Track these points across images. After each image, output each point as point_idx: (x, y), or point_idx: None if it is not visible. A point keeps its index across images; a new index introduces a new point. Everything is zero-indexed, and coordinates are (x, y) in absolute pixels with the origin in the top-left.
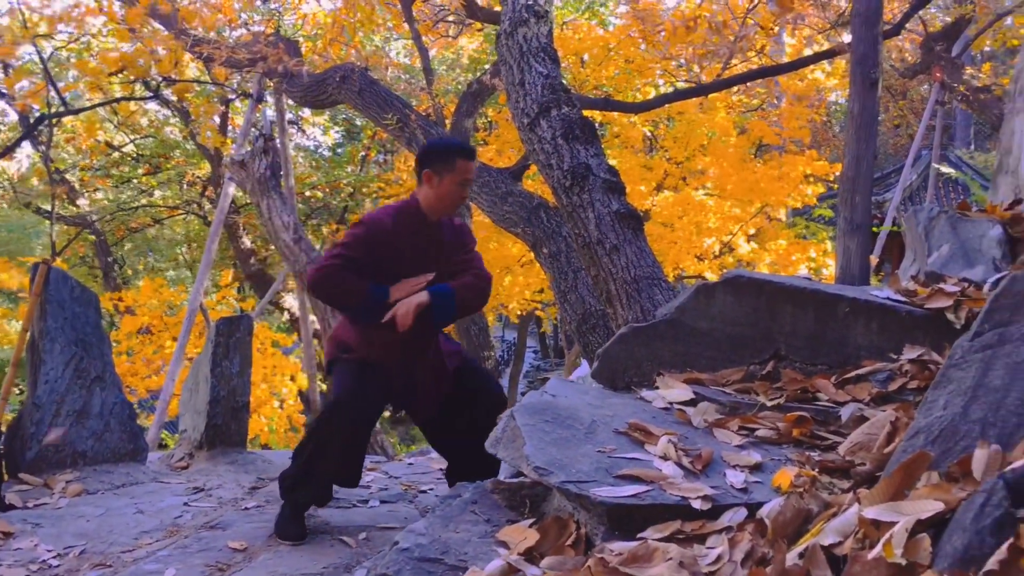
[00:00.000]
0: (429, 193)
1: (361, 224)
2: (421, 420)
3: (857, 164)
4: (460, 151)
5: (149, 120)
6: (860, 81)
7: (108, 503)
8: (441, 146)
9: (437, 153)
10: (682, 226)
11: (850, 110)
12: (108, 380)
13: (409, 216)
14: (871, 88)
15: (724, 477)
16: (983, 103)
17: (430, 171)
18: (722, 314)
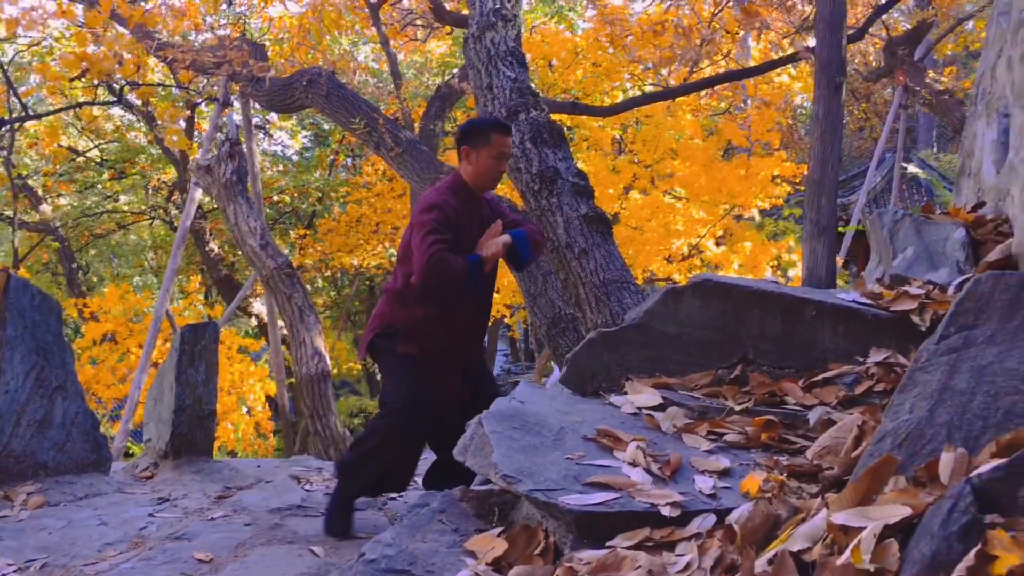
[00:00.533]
0: (468, 169)
1: (433, 207)
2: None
3: (822, 167)
4: (495, 126)
5: (114, 125)
6: (825, 85)
7: (71, 515)
8: (478, 122)
9: (474, 129)
10: (651, 229)
11: (815, 113)
12: (70, 389)
13: (463, 191)
14: (835, 92)
15: (693, 483)
16: (945, 106)
17: (468, 147)
18: (690, 318)
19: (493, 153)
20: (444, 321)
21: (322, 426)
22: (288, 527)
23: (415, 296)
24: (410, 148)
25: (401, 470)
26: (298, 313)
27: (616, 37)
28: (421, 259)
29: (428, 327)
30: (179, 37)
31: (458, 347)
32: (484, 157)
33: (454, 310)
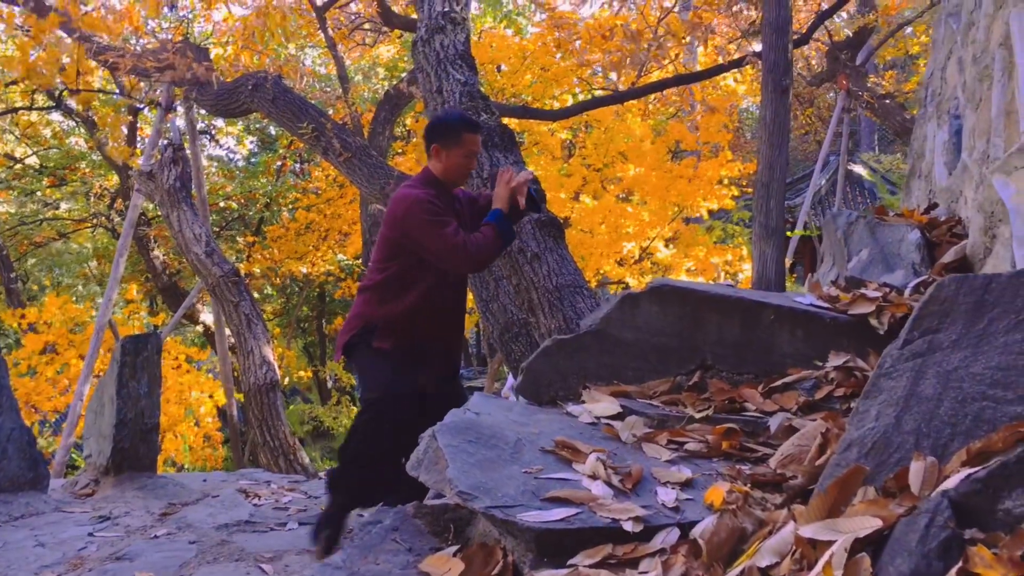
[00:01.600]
0: (439, 166)
1: (421, 201)
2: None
3: (770, 170)
4: (466, 125)
5: (53, 131)
6: (772, 88)
7: (6, 536)
8: (447, 120)
9: (444, 127)
10: (602, 232)
11: (762, 117)
12: (5, 405)
13: (435, 184)
14: (782, 95)
15: (655, 495)
16: (886, 109)
17: (438, 145)
18: (647, 324)
19: (463, 151)
20: (424, 314)
21: (271, 436)
22: (236, 544)
23: (394, 291)
24: (359, 153)
25: (388, 470)
26: (245, 322)
27: (564, 41)
28: (450, 252)
29: (407, 321)
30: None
31: (437, 340)
32: (455, 155)
33: (433, 303)
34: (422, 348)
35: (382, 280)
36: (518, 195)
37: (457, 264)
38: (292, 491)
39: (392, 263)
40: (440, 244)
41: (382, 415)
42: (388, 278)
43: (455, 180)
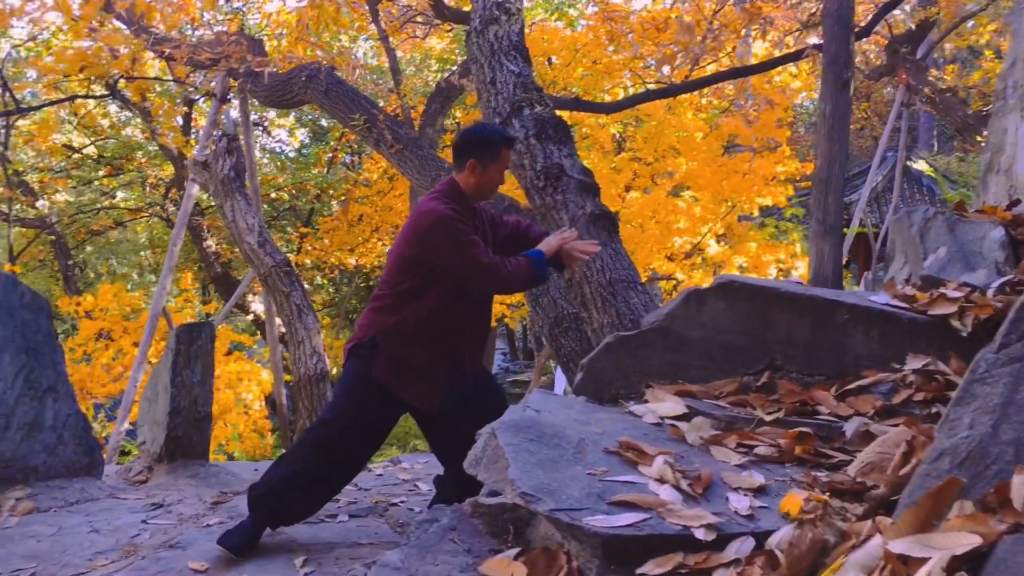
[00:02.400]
0: (471, 181)
1: (451, 219)
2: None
3: (829, 165)
4: (505, 141)
5: (110, 122)
6: (832, 81)
7: (61, 521)
8: (486, 135)
9: (483, 142)
10: (652, 227)
11: (821, 111)
12: (61, 391)
13: (460, 199)
14: (843, 88)
15: (727, 502)
16: (947, 104)
17: (475, 160)
18: (714, 321)
19: (500, 168)
20: (433, 331)
21: None
22: (286, 534)
23: (405, 306)
24: (410, 144)
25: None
26: (296, 312)
27: (617, 34)
28: (483, 270)
29: (414, 335)
30: (175, 32)
31: (451, 354)
32: (492, 172)
33: (444, 320)
34: (432, 363)
35: (393, 294)
36: (567, 258)
37: (487, 283)
38: None
39: (406, 279)
40: (472, 262)
41: (331, 441)
42: (402, 292)
43: (485, 196)
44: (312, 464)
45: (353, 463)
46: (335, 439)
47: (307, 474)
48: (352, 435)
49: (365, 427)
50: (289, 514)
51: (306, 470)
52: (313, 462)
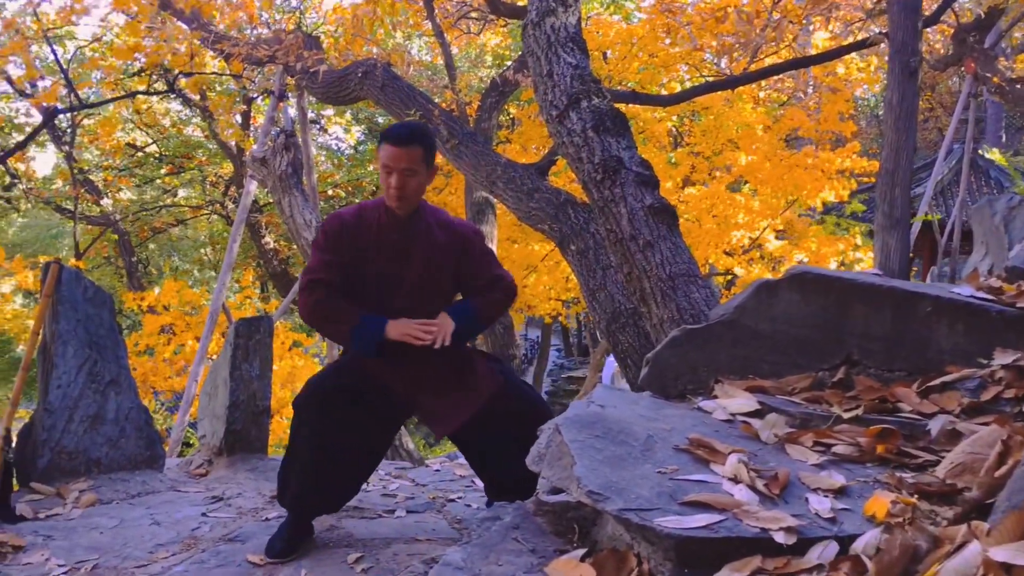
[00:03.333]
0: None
1: (322, 227)
2: (441, 435)
3: (896, 156)
4: (384, 135)
5: (171, 121)
6: (899, 70)
7: (123, 513)
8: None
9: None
10: (710, 221)
11: (888, 101)
12: (123, 384)
13: (376, 210)
14: (910, 77)
15: (806, 503)
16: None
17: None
18: (786, 314)
19: (380, 163)
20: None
21: None
22: (344, 529)
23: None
24: (466, 140)
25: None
26: None
27: (674, 26)
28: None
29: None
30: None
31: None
32: (380, 168)
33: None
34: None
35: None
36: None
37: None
38: (399, 478)
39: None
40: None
41: (303, 418)
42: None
43: (389, 200)
44: (297, 451)
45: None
46: (301, 417)
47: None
48: (321, 405)
49: (330, 393)
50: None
51: (295, 451)
52: (297, 449)
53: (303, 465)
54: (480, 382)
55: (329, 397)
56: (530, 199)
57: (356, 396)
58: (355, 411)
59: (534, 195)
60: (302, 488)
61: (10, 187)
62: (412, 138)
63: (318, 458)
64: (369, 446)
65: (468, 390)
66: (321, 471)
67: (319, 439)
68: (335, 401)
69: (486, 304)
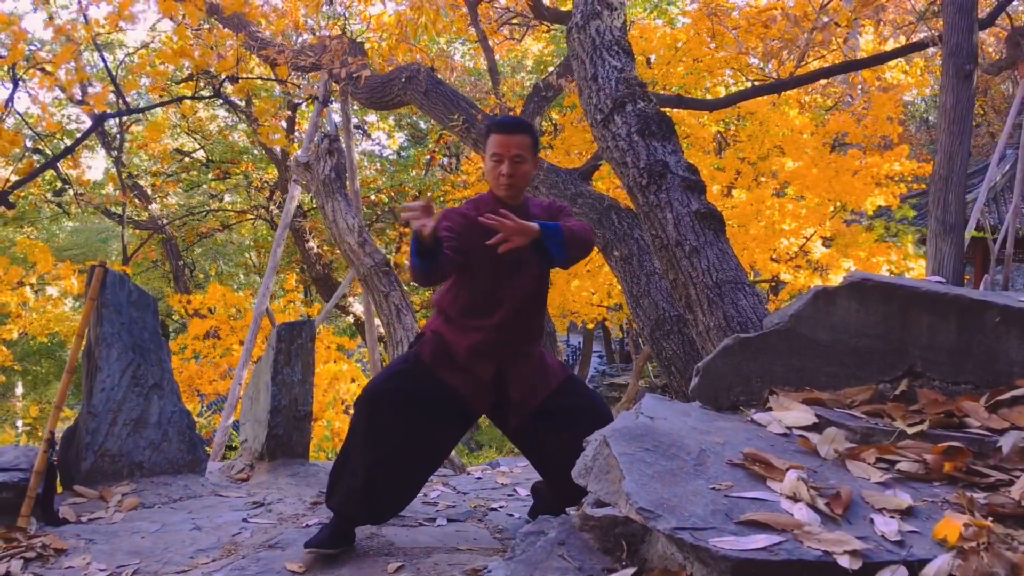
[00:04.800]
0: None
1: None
2: (511, 430)
3: (950, 161)
4: (494, 125)
5: (218, 127)
6: (953, 73)
7: (164, 518)
8: (484, 124)
9: (483, 132)
10: (756, 227)
11: (942, 104)
12: (166, 388)
13: (484, 201)
14: (965, 80)
15: (871, 524)
16: None
17: (482, 152)
18: (845, 323)
19: (489, 154)
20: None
21: None
22: (385, 537)
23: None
24: None
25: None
26: (395, 312)
27: (719, 30)
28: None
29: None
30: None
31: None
32: (486, 160)
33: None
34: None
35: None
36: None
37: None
38: (441, 485)
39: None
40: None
41: (359, 418)
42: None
43: (496, 189)
44: (352, 451)
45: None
46: (358, 416)
47: (351, 458)
48: (376, 407)
49: (385, 397)
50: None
51: (348, 452)
52: (351, 448)
53: (354, 467)
54: (549, 371)
55: (387, 398)
56: (573, 204)
57: (416, 399)
58: (412, 414)
59: (577, 200)
60: (350, 492)
61: (61, 192)
62: (520, 127)
63: (369, 460)
64: (425, 453)
65: (542, 377)
66: (371, 475)
67: (372, 440)
68: (393, 402)
69: (571, 229)
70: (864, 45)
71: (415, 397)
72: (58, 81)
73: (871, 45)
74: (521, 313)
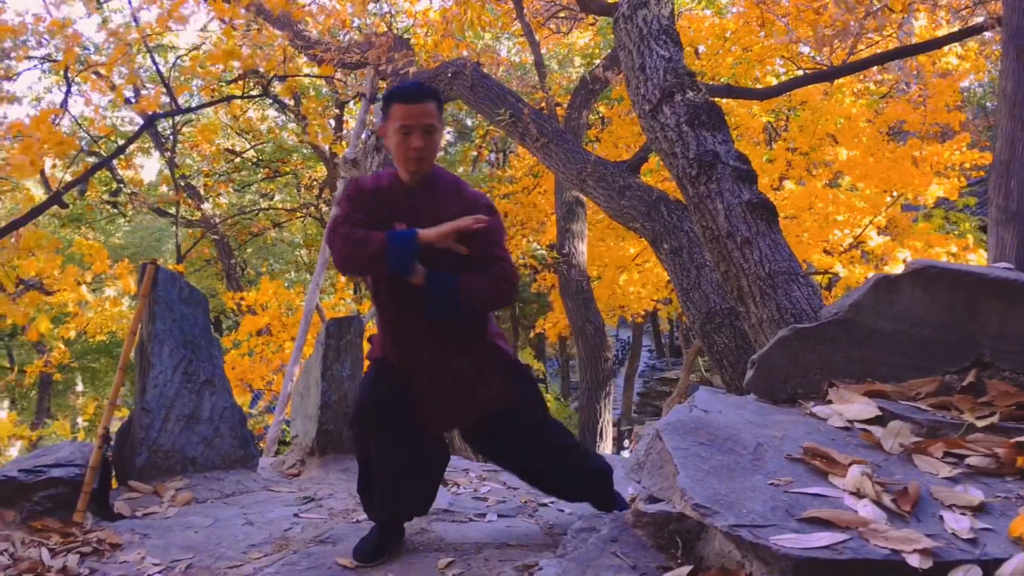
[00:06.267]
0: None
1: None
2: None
3: (1011, 146)
4: (395, 93)
5: (268, 127)
6: (1013, 56)
7: (217, 513)
8: (384, 94)
9: (383, 103)
10: (809, 218)
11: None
12: (218, 384)
13: (389, 178)
14: None
15: (941, 522)
16: None
17: (383, 125)
18: (908, 312)
19: (395, 126)
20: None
21: None
22: (435, 533)
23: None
24: (555, 138)
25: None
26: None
27: (769, 18)
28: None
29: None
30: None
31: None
32: (390, 132)
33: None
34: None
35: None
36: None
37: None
38: (490, 481)
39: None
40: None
41: (357, 437)
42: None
43: (400, 166)
44: (366, 460)
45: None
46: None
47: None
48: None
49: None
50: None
51: (365, 466)
52: (365, 458)
53: (379, 477)
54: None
55: (371, 410)
56: (621, 197)
57: (396, 397)
58: (401, 413)
59: (625, 192)
60: (384, 497)
61: (116, 192)
62: (425, 93)
63: (388, 466)
64: (426, 447)
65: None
66: (397, 477)
67: (383, 449)
68: (379, 412)
69: (472, 282)
70: (919, 30)
71: (395, 397)
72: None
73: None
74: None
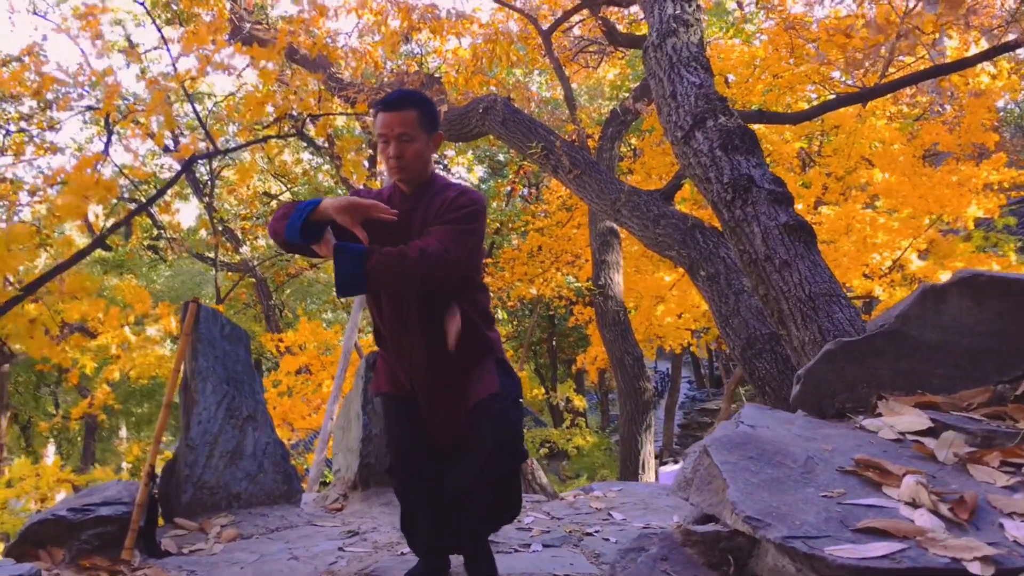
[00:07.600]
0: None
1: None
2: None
3: None
4: (378, 103)
5: (303, 169)
6: None
7: (262, 548)
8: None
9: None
10: (846, 242)
11: None
12: (260, 419)
13: (390, 189)
14: None
15: (1001, 529)
16: None
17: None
18: (957, 322)
19: (377, 134)
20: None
21: None
22: None
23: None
24: (588, 169)
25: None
26: None
27: (798, 44)
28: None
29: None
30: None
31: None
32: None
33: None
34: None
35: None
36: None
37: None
38: (533, 512)
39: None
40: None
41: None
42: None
43: (389, 174)
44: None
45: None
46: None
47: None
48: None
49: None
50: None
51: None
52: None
53: (417, 514)
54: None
55: (403, 457)
56: (656, 225)
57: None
58: (434, 461)
59: (660, 221)
60: (425, 533)
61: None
62: (404, 102)
63: (423, 502)
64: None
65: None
66: (434, 512)
67: (421, 496)
68: (410, 458)
69: (380, 254)
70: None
71: (423, 443)
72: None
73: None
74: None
